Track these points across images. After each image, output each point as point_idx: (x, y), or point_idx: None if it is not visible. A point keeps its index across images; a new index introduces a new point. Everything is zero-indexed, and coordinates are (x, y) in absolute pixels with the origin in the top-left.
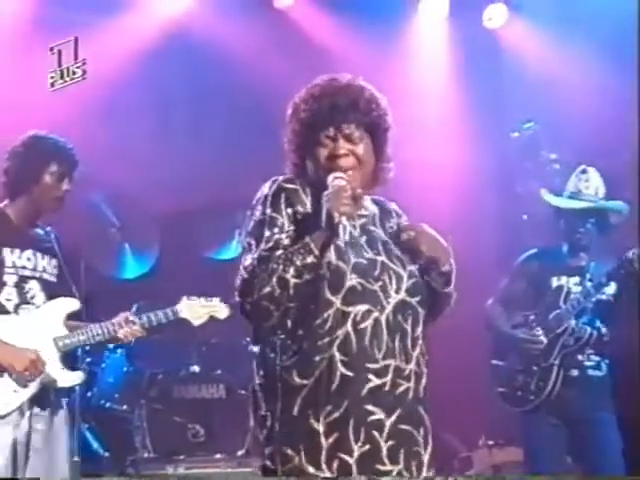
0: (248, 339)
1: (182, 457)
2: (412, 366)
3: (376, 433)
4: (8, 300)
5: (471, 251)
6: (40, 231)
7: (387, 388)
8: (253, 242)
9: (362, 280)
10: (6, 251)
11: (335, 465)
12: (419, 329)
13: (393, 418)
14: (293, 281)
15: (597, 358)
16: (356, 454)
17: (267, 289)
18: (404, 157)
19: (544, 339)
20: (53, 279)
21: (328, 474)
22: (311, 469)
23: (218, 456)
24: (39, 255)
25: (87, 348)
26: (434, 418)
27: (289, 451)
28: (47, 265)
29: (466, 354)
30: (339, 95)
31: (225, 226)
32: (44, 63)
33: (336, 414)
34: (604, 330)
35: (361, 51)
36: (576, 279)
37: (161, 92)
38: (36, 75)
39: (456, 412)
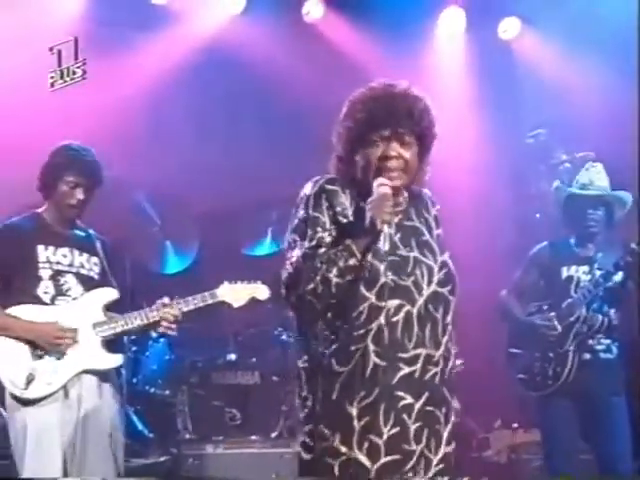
0: (280, 329)
1: (220, 438)
2: (441, 352)
3: (405, 416)
4: (45, 293)
5: (487, 247)
6: (79, 232)
7: (417, 375)
8: (297, 239)
9: (395, 277)
10: (40, 248)
11: (365, 446)
12: (449, 316)
13: (421, 401)
14: (335, 280)
15: (607, 341)
16: (385, 436)
17: (311, 285)
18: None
19: (558, 326)
20: (93, 275)
21: (359, 454)
22: (343, 449)
23: (253, 437)
24: (76, 252)
25: (132, 337)
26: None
27: (326, 431)
28: (85, 262)
29: (483, 343)
30: (397, 100)
31: (260, 224)
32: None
33: (368, 400)
34: (613, 315)
35: (385, 62)
36: (585, 268)
37: (200, 100)
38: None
39: (474, 397)
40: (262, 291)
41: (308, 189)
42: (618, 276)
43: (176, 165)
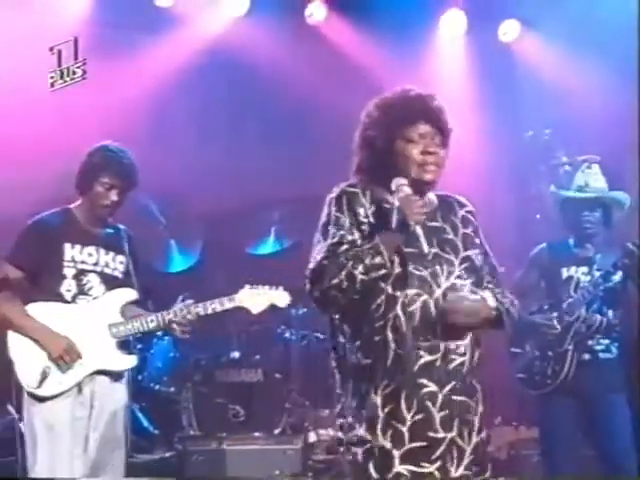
0: (283, 327)
1: (224, 435)
2: (466, 342)
3: (429, 404)
4: (68, 291)
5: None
6: (108, 230)
7: (439, 363)
8: (321, 238)
9: (410, 268)
10: (67, 246)
11: (389, 433)
12: None
13: (446, 390)
14: (360, 277)
15: (607, 341)
16: (409, 423)
17: (336, 280)
18: None
19: (558, 326)
20: (117, 274)
21: (383, 441)
22: (369, 437)
23: (257, 434)
24: (102, 251)
25: (138, 335)
26: None
27: (352, 420)
28: (111, 261)
29: (483, 343)
30: (431, 101)
31: (263, 223)
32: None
33: (391, 387)
34: (612, 316)
35: (386, 63)
36: (584, 269)
37: (204, 102)
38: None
39: None
40: (282, 298)
41: (332, 193)
42: (617, 276)
43: (180, 165)
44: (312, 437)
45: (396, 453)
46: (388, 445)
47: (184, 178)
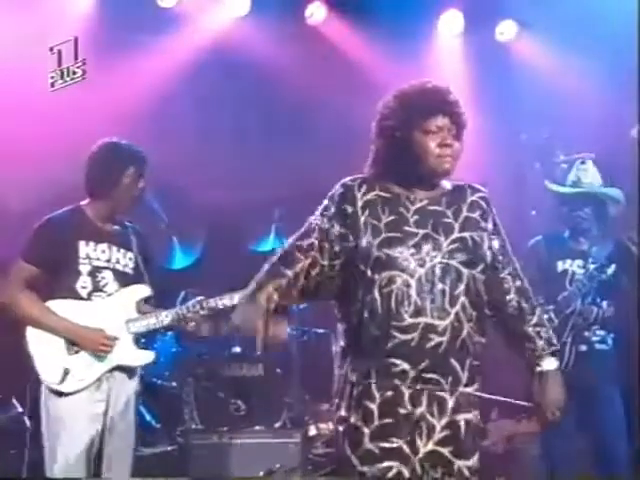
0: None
1: (225, 429)
2: (447, 322)
3: (398, 382)
4: (83, 288)
5: None
6: (118, 227)
7: (414, 343)
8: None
9: (389, 251)
10: (81, 244)
11: (360, 411)
12: (461, 287)
13: (419, 368)
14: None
15: (602, 333)
16: (378, 400)
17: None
18: None
19: (555, 319)
20: (128, 270)
21: (356, 419)
22: (345, 414)
23: (257, 428)
24: (114, 248)
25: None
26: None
27: (337, 400)
28: (121, 257)
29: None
30: (448, 94)
31: (263, 221)
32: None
33: (363, 368)
34: (607, 307)
35: (385, 63)
36: (579, 262)
37: (205, 101)
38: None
39: None
40: None
41: (336, 186)
42: (611, 269)
43: (182, 164)
44: (312, 431)
45: (366, 430)
46: (359, 423)
47: (186, 176)
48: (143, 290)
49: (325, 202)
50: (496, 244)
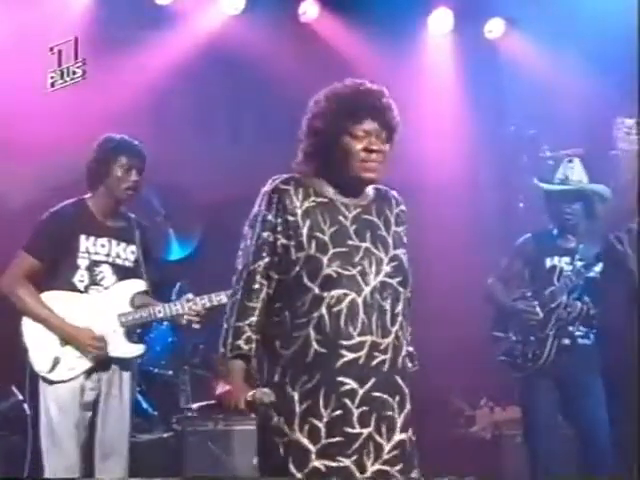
0: None
1: (220, 416)
2: (390, 340)
3: (347, 401)
4: (80, 281)
5: (474, 235)
6: (120, 221)
7: (361, 361)
8: (249, 231)
9: (339, 268)
10: (82, 238)
11: (306, 428)
12: (399, 306)
13: (367, 387)
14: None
15: (585, 329)
16: (325, 419)
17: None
18: (418, 153)
19: (540, 312)
20: (128, 264)
21: (300, 436)
22: (287, 429)
23: (252, 415)
24: (114, 242)
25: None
26: (445, 384)
27: (270, 412)
28: (122, 251)
29: (469, 326)
30: (375, 96)
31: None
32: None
33: (309, 385)
34: (592, 304)
35: (377, 60)
36: (567, 259)
37: (201, 97)
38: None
39: (462, 378)
40: None
41: (267, 186)
42: (598, 267)
43: (178, 158)
44: None
45: (312, 448)
46: (305, 441)
47: (182, 170)
48: (139, 284)
49: (263, 209)
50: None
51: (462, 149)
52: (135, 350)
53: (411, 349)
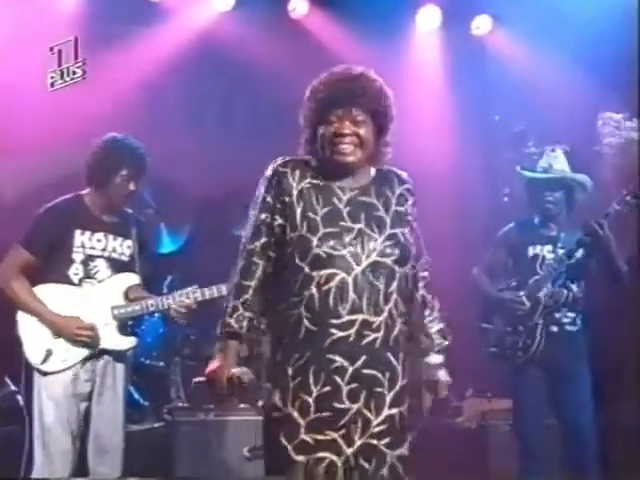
0: None
1: (211, 406)
2: (382, 318)
3: (337, 378)
4: (75, 274)
5: (460, 226)
6: (117, 216)
7: (351, 339)
8: (251, 214)
9: (328, 249)
10: (77, 233)
11: (297, 403)
12: (394, 284)
13: (357, 364)
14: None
15: (572, 315)
16: (315, 394)
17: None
18: (405, 149)
19: (527, 301)
20: (124, 258)
21: (292, 410)
22: (280, 404)
23: (242, 406)
24: (110, 237)
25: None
26: None
27: (270, 386)
28: (118, 246)
29: (455, 319)
30: (353, 82)
31: (246, 207)
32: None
33: (301, 362)
34: (576, 290)
35: (365, 56)
36: (549, 247)
37: (192, 93)
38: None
39: (448, 369)
40: None
41: (268, 169)
42: (579, 253)
43: (169, 153)
44: None
45: (302, 422)
46: (295, 414)
47: (173, 165)
48: (132, 278)
49: (262, 192)
50: (414, 236)
51: (449, 144)
52: (127, 342)
53: (442, 325)
